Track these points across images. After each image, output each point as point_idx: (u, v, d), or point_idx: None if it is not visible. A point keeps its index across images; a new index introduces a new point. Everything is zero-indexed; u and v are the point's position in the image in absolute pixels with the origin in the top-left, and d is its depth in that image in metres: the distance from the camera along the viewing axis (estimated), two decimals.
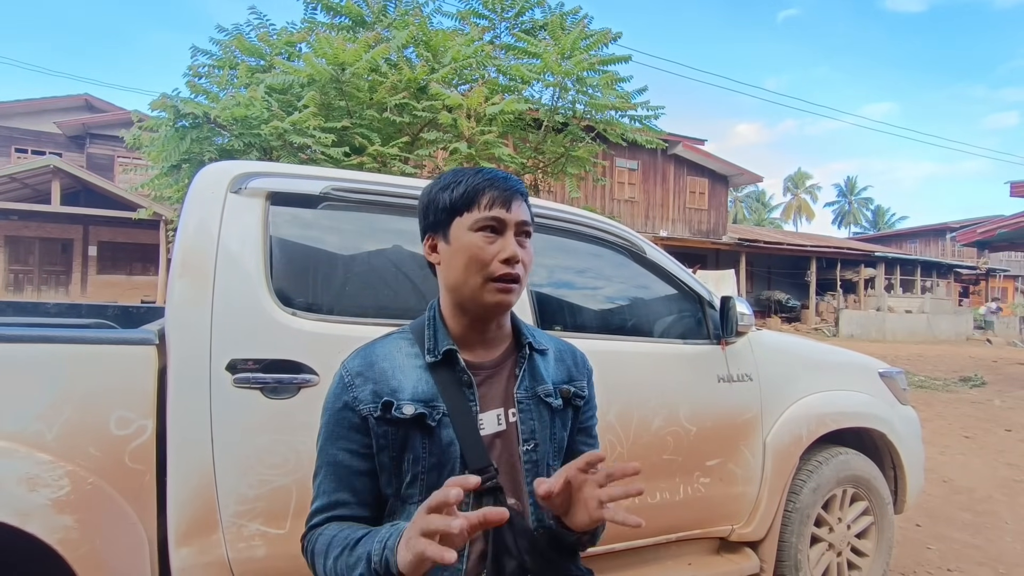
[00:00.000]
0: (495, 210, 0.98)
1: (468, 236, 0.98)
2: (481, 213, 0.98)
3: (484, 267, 0.97)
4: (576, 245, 2.17)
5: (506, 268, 0.97)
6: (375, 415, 0.97)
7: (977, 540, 3.48)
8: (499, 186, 0.99)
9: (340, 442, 0.99)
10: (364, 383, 0.99)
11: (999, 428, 6.65)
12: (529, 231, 1.03)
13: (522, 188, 1.03)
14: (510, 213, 0.99)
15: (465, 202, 0.99)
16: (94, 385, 1.42)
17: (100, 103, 19.56)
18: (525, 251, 1.01)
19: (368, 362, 1.02)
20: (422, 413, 0.97)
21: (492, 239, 0.98)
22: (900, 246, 36.23)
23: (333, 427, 1.00)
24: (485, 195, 0.98)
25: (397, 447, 0.97)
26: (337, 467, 0.99)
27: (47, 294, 17.09)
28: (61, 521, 1.31)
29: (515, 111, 5.81)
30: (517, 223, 1.00)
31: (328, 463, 1.00)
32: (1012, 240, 14.35)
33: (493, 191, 0.99)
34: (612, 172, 18.73)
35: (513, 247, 0.98)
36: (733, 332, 2.18)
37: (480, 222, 0.98)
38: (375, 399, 0.98)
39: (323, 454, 1.01)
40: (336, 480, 0.99)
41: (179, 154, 5.72)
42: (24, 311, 2.94)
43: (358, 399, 0.98)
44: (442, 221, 1.02)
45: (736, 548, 2.35)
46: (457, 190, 1.00)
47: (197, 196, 1.65)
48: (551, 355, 1.12)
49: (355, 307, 1.74)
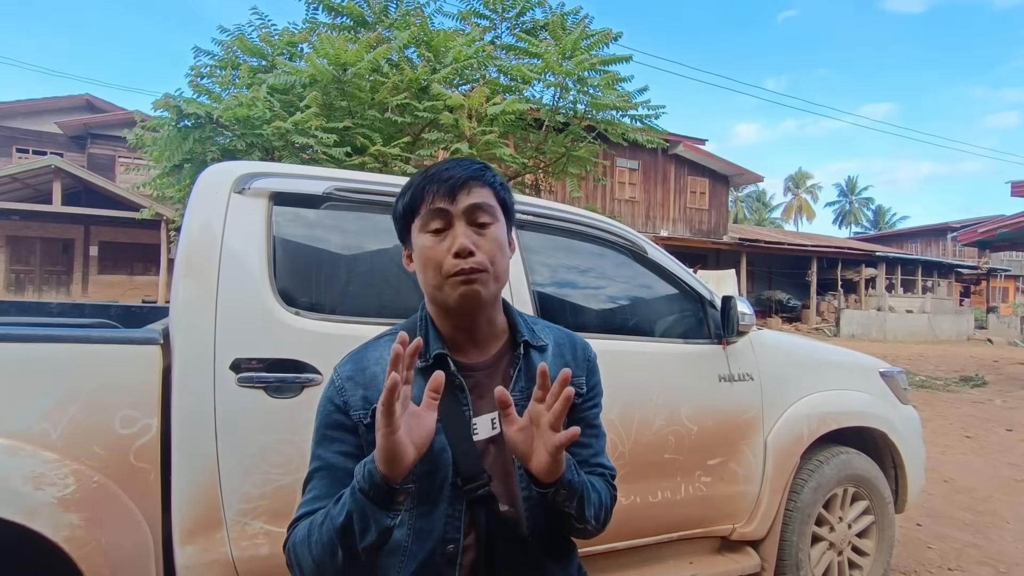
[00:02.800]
0: (437, 203, 0.94)
1: (420, 239, 0.96)
2: (424, 210, 0.95)
3: (439, 267, 0.93)
4: (578, 245, 2.17)
5: (457, 262, 0.92)
6: (364, 422, 0.94)
7: (978, 540, 3.49)
8: (441, 177, 0.94)
9: (334, 445, 0.96)
10: (355, 388, 0.97)
11: (1000, 428, 6.65)
12: (486, 215, 0.96)
13: (475, 172, 0.96)
14: (455, 204, 0.94)
15: (413, 205, 0.96)
16: (99, 384, 1.43)
17: (101, 103, 19.58)
18: (484, 237, 0.94)
19: (359, 367, 1.00)
20: None
21: (442, 236, 0.94)
22: (901, 246, 36.19)
23: (326, 431, 0.98)
24: (427, 192, 0.94)
25: None
26: (332, 470, 0.95)
27: (48, 294, 17.11)
28: (67, 519, 1.32)
29: (516, 111, 5.83)
30: (465, 210, 0.94)
31: (322, 467, 0.96)
32: (1013, 240, 14.33)
33: (434, 186, 0.94)
34: (613, 172, 18.73)
35: (461, 238, 0.92)
36: (734, 332, 2.19)
37: (425, 219, 0.95)
38: (365, 405, 0.95)
39: (316, 459, 0.98)
40: (331, 483, 0.94)
41: (181, 154, 5.74)
42: (28, 311, 2.95)
43: (349, 404, 0.96)
44: (404, 230, 1.00)
45: (737, 547, 2.35)
46: (407, 195, 0.97)
47: (201, 196, 1.66)
48: (550, 350, 1.08)
49: (358, 307, 1.75)
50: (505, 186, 1.02)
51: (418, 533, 0.94)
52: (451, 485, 0.94)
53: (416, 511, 0.94)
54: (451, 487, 0.94)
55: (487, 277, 0.94)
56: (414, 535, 0.94)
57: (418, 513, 0.95)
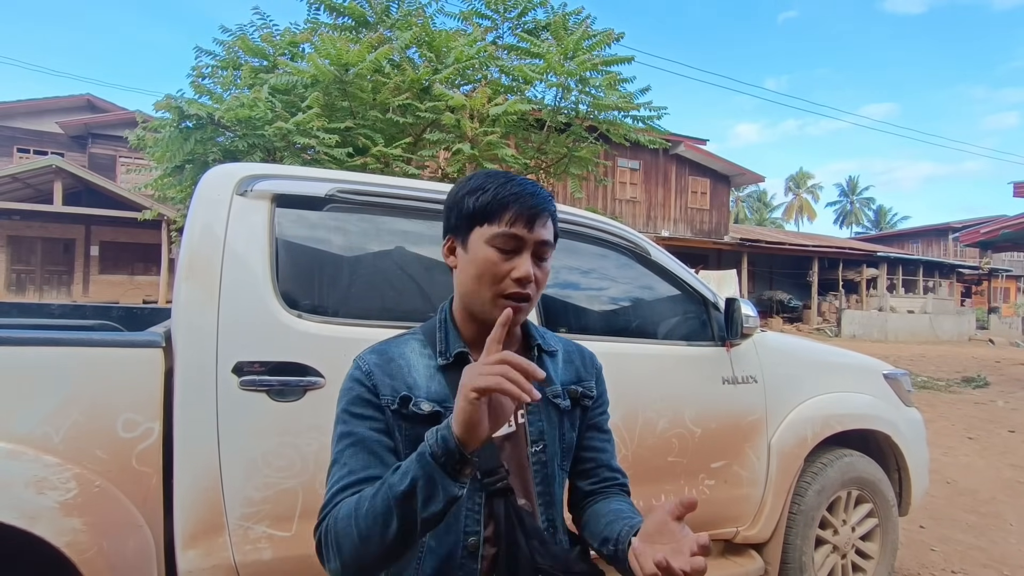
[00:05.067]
0: (516, 227, 0.94)
1: (484, 249, 0.95)
2: (501, 228, 0.95)
3: (496, 283, 0.95)
4: (581, 247, 2.16)
5: (517, 288, 0.95)
6: (392, 407, 0.95)
7: (981, 542, 3.48)
8: (525, 202, 0.95)
9: (366, 421, 0.95)
10: (383, 375, 0.98)
11: (1003, 429, 6.63)
12: (549, 250, 0.99)
13: (550, 206, 0.99)
14: (532, 233, 0.95)
15: (488, 213, 0.95)
16: (101, 388, 1.42)
17: (102, 103, 19.58)
18: (541, 270, 0.98)
19: (385, 358, 1.01)
20: (438, 411, 0.96)
21: (508, 256, 0.95)
22: (902, 246, 36.15)
23: (355, 408, 0.96)
24: (509, 210, 0.94)
25: (410, 444, 0.95)
26: (367, 442, 0.94)
27: (49, 294, 17.12)
28: (69, 524, 1.31)
29: (518, 112, 5.82)
30: (537, 243, 0.96)
31: (355, 443, 0.94)
32: (1015, 240, 14.32)
33: (517, 207, 0.95)
34: (614, 172, 18.72)
35: (528, 267, 0.95)
36: (738, 334, 2.18)
37: (498, 237, 0.95)
38: (393, 392, 0.96)
39: (346, 437, 0.95)
40: (368, 455, 0.93)
41: (183, 155, 5.74)
42: (29, 312, 2.95)
43: (378, 387, 0.96)
44: (462, 226, 0.99)
45: (741, 550, 2.35)
46: (483, 198, 0.96)
47: (203, 198, 1.66)
48: (560, 356, 1.12)
49: (361, 309, 1.74)
50: (558, 217, 1.04)
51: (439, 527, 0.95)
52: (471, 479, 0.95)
53: None
54: (471, 481, 0.95)
55: (528, 306, 0.99)
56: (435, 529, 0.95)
57: None
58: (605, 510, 1.05)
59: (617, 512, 1.01)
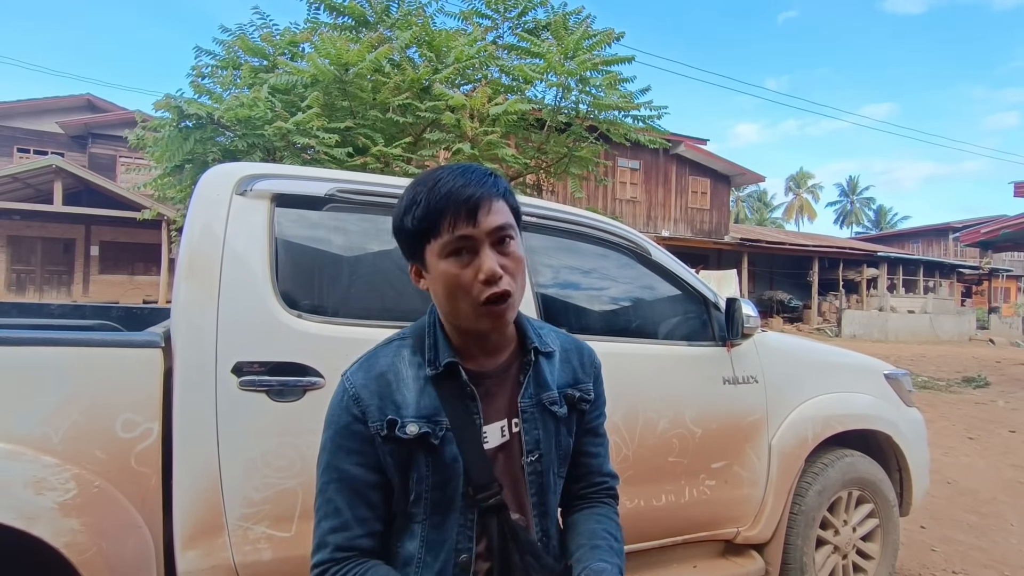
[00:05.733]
0: (460, 229, 0.87)
1: (441, 265, 0.89)
2: (446, 237, 0.88)
3: (468, 293, 0.89)
4: (581, 246, 2.16)
5: (490, 289, 0.88)
6: (381, 433, 0.92)
7: (982, 542, 3.47)
8: (459, 198, 0.87)
9: (352, 456, 0.93)
10: (370, 397, 0.94)
11: (1003, 429, 6.63)
12: (509, 233, 0.91)
13: (491, 187, 0.91)
14: (478, 227, 0.88)
15: (428, 227, 0.89)
16: (100, 388, 1.42)
17: (102, 103, 19.59)
18: (509, 257, 0.91)
19: (372, 375, 0.96)
20: (426, 432, 0.92)
21: (466, 261, 0.89)
22: (902, 246, 36.14)
23: (341, 441, 0.93)
24: (446, 215, 0.87)
25: (402, 466, 0.93)
26: (352, 481, 0.92)
27: (49, 294, 17.13)
28: (67, 524, 1.31)
29: (518, 111, 5.82)
30: (490, 232, 0.89)
31: (338, 479, 0.93)
32: (1016, 240, 14.32)
33: (453, 207, 0.87)
34: (614, 172, 18.71)
35: (490, 263, 0.88)
36: (739, 334, 2.18)
37: (448, 246, 0.88)
38: (380, 416, 0.92)
39: (331, 470, 0.94)
40: (351, 494, 0.92)
41: (182, 154, 5.73)
42: (29, 312, 2.95)
43: (366, 413, 0.93)
44: (416, 250, 0.93)
45: (742, 551, 2.34)
46: (418, 212, 0.89)
47: (202, 198, 1.65)
48: (557, 356, 1.06)
49: (361, 309, 1.74)
50: (510, 190, 0.98)
51: (431, 544, 0.94)
52: (463, 495, 0.93)
53: (428, 522, 0.94)
54: (463, 497, 0.93)
55: (514, 301, 0.92)
56: (427, 546, 0.94)
57: (431, 524, 0.94)
58: (582, 529, 1.04)
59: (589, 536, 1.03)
